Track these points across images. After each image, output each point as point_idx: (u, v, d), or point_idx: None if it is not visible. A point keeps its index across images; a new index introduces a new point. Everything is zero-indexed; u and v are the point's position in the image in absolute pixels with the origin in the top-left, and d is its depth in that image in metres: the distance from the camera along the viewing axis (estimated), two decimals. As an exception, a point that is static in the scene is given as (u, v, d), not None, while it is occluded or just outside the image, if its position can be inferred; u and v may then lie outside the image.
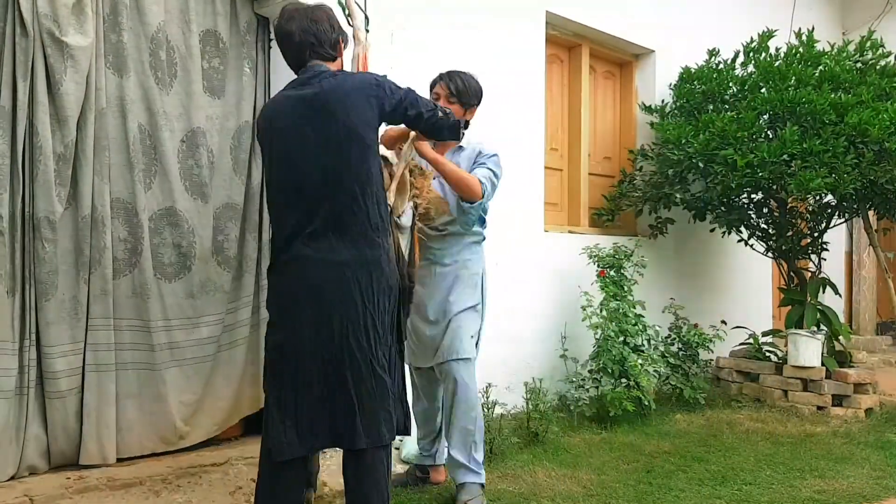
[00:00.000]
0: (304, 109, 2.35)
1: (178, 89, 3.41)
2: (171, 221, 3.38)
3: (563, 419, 4.35)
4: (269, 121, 2.48)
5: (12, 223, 2.95)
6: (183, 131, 3.42)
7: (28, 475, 3.03)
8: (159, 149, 3.33)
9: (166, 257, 3.37)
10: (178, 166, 3.40)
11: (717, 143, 4.81)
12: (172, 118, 3.38)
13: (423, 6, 4.16)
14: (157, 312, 3.30)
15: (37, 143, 2.95)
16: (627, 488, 3.38)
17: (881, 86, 4.72)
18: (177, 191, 3.38)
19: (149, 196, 3.33)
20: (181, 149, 3.42)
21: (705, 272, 6.07)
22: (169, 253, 3.38)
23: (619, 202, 5.55)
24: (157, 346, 3.29)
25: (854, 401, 4.85)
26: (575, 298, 4.72)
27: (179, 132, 3.41)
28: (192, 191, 3.44)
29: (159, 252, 3.36)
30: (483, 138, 4.45)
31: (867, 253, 7.65)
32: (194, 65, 3.47)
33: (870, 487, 3.47)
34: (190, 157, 3.44)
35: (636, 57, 5.84)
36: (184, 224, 3.40)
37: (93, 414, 3.13)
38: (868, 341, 7.43)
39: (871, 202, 5.04)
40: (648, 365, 4.47)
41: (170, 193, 3.36)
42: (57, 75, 2.97)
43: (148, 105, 3.31)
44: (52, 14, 2.97)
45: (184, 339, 3.40)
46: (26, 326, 2.99)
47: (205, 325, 3.45)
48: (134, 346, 3.27)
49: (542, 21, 4.89)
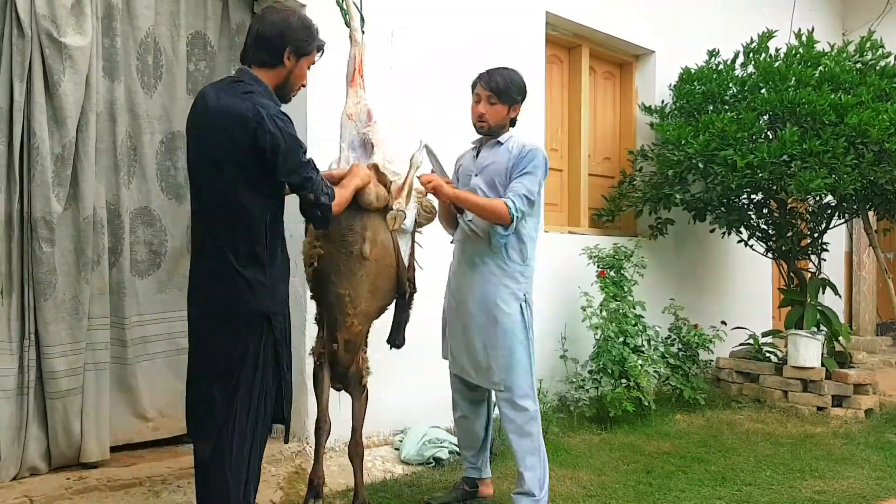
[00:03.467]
0: (199, 117, 2.34)
1: (161, 91, 3.43)
2: (145, 220, 3.42)
3: (563, 420, 4.35)
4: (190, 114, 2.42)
5: (9, 224, 2.95)
6: (163, 133, 3.46)
7: (29, 476, 3.03)
8: (139, 150, 3.37)
9: (140, 255, 3.41)
10: (157, 167, 3.44)
11: (717, 144, 4.81)
12: (154, 120, 3.42)
13: (423, 6, 4.15)
14: (132, 308, 3.33)
15: (34, 143, 2.95)
16: (627, 489, 3.38)
17: (881, 86, 4.72)
18: (153, 191, 3.42)
19: (126, 196, 3.35)
20: (160, 150, 3.45)
21: (705, 273, 6.07)
22: (142, 251, 3.42)
23: (619, 203, 5.55)
24: (129, 342, 3.31)
25: (854, 401, 4.85)
26: (575, 299, 4.72)
27: (160, 134, 3.45)
28: (168, 191, 3.48)
29: (135, 250, 3.39)
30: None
31: (867, 253, 7.65)
32: (180, 68, 3.49)
33: (870, 488, 3.47)
34: (168, 159, 3.48)
35: (636, 57, 5.84)
36: (157, 223, 3.45)
37: (91, 412, 3.14)
38: (868, 342, 7.43)
39: (870, 203, 5.05)
40: (648, 365, 4.47)
41: (147, 194, 3.40)
42: (55, 76, 2.97)
43: (131, 108, 3.34)
44: (50, 14, 2.96)
45: (154, 334, 3.43)
46: (25, 327, 2.99)
47: (176, 319, 3.44)
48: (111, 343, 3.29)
49: (542, 21, 4.88)
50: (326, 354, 2.87)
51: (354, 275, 2.73)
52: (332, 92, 3.64)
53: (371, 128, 2.90)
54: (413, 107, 4.02)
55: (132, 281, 3.35)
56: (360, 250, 2.71)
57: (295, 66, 2.40)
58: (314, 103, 3.64)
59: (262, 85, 2.34)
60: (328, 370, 2.89)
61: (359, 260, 2.72)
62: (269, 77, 2.37)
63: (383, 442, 3.91)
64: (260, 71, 2.36)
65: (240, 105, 2.24)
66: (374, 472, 3.53)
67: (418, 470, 3.59)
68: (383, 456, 3.74)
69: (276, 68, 2.37)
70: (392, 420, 3.94)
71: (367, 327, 2.88)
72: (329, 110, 3.60)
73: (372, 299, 2.79)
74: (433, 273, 3.29)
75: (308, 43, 2.40)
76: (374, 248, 2.72)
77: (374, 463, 3.61)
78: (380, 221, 2.75)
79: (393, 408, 3.81)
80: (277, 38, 2.34)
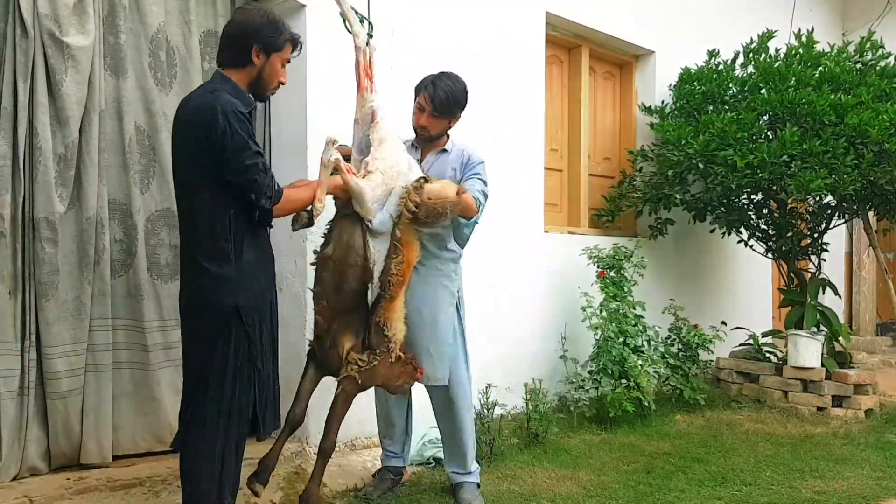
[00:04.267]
0: (174, 123, 2.44)
1: (178, 90, 3.41)
2: (168, 223, 3.37)
3: (563, 420, 4.35)
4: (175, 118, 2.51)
5: (14, 224, 2.95)
6: None
7: (29, 476, 3.03)
8: (158, 150, 3.33)
9: (163, 258, 3.37)
10: None
11: (717, 144, 4.81)
12: (171, 119, 3.37)
13: (423, 6, 4.16)
14: (151, 313, 3.30)
15: (36, 143, 2.95)
16: (627, 489, 3.38)
17: (881, 87, 4.72)
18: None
19: (146, 197, 3.33)
20: None
21: (705, 273, 6.07)
22: (165, 254, 3.38)
23: (619, 203, 5.56)
24: (151, 347, 3.29)
25: (854, 401, 4.85)
26: (575, 299, 4.72)
27: None
28: None
29: (156, 253, 3.36)
30: (483, 139, 4.47)
31: (867, 254, 7.65)
32: (194, 65, 3.48)
33: (870, 488, 3.47)
34: None
35: (636, 58, 5.84)
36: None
37: (91, 414, 3.13)
38: (868, 342, 7.43)
39: (870, 203, 5.05)
40: (648, 366, 4.47)
41: (168, 194, 3.35)
42: (58, 76, 2.97)
43: (147, 106, 3.32)
44: (52, 14, 2.96)
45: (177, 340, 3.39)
46: (26, 327, 2.99)
47: None
48: (129, 346, 3.28)
49: (542, 21, 4.89)
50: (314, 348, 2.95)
51: (320, 273, 2.85)
52: (332, 93, 3.65)
53: (373, 128, 2.90)
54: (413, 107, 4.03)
55: (151, 284, 3.31)
56: (322, 249, 2.83)
57: (266, 63, 2.45)
58: (314, 104, 3.64)
59: (230, 83, 2.41)
60: (313, 363, 2.93)
61: (322, 259, 2.83)
62: (241, 77, 2.44)
63: (383, 442, 3.91)
64: (232, 72, 2.43)
65: (201, 102, 2.34)
66: (374, 472, 3.53)
67: (418, 470, 3.59)
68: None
69: (247, 67, 2.44)
70: (392, 420, 3.94)
71: (339, 325, 2.84)
72: (329, 114, 3.61)
73: (338, 298, 2.80)
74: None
75: (275, 38, 2.44)
76: (338, 248, 2.78)
77: (374, 463, 3.60)
78: (349, 222, 2.79)
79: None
80: (243, 37, 2.41)
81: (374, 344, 2.85)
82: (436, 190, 2.83)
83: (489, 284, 4.44)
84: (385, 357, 2.86)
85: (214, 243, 2.33)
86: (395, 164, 2.85)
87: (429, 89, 3.10)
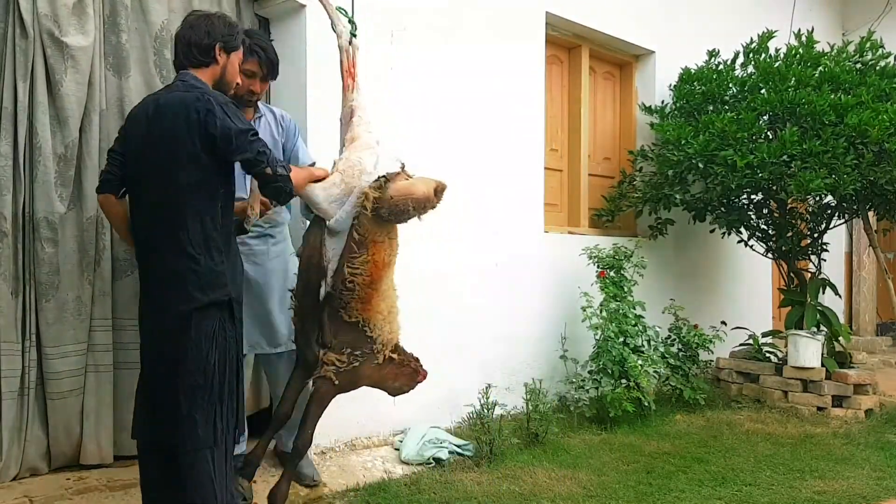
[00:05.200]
0: (146, 119, 2.41)
1: None
2: None
3: (563, 420, 4.35)
4: (127, 123, 2.52)
5: (15, 224, 2.95)
6: None
7: (29, 476, 3.03)
8: None
9: None
10: None
11: (717, 144, 4.81)
12: None
13: (423, 6, 4.16)
14: None
15: (36, 143, 2.95)
16: (627, 489, 3.38)
17: (881, 87, 4.72)
18: None
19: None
20: None
21: (705, 273, 6.07)
22: None
23: (619, 203, 5.56)
24: None
25: (854, 402, 4.85)
26: (575, 299, 4.72)
27: None
28: None
29: None
30: (483, 139, 4.48)
31: (867, 253, 7.65)
32: None
33: (870, 488, 3.47)
34: None
35: (636, 58, 5.84)
36: None
37: (91, 414, 3.13)
38: (868, 342, 7.43)
39: (870, 203, 5.04)
40: (648, 366, 4.47)
41: None
42: (57, 76, 2.97)
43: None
44: (52, 14, 2.96)
45: None
46: (27, 327, 2.99)
47: None
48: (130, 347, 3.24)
49: (542, 22, 4.89)
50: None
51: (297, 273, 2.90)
52: (332, 93, 3.65)
53: (350, 126, 2.92)
54: (413, 107, 4.03)
55: None
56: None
57: (227, 61, 2.52)
58: (314, 104, 3.64)
59: (202, 81, 2.45)
60: (300, 362, 2.93)
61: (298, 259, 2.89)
62: (206, 75, 2.48)
63: (383, 442, 3.91)
64: (197, 71, 2.47)
65: (186, 97, 2.35)
66: (373, 472, 3.53)
67: (418, 470, 3.59)
68: (383, 456, 3.74)
69: (211, 66, 2.49)
70: (392, 420, 3.94)
71: (310, 325, 2.83)
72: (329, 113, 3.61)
73: (306, 297, 2.82)
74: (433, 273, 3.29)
75: (233, 38, 2.52)
76: (305, 248, 2.81)
77: (374, 463, 3.61)
78: (315, 222, 2.81)
79: (393, 408, 3.80)
80: (205, 36, 2.46)
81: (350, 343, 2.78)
82: (401, 188, 2.74)
83: (489, 284, 4.45)
84: (369, 358, 2.80)
85: (206, 236, 2.36)
86: (356, 163, 2.80)
87: (261, 55, 2.99)
